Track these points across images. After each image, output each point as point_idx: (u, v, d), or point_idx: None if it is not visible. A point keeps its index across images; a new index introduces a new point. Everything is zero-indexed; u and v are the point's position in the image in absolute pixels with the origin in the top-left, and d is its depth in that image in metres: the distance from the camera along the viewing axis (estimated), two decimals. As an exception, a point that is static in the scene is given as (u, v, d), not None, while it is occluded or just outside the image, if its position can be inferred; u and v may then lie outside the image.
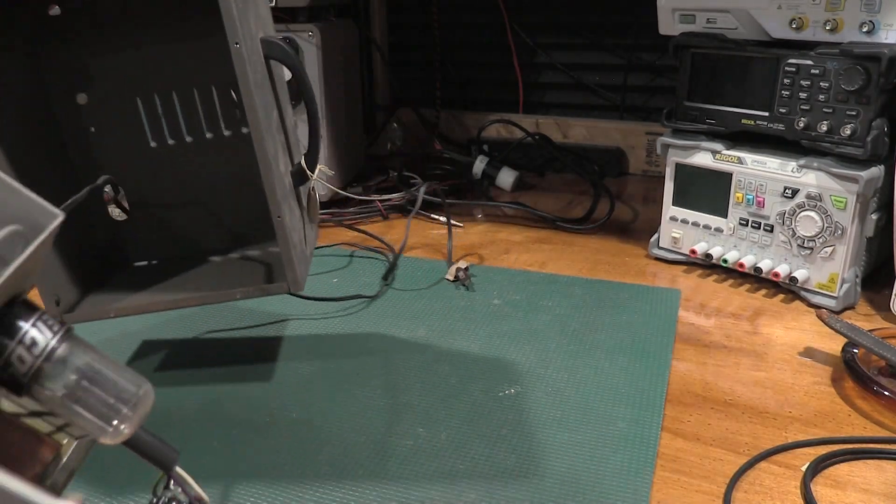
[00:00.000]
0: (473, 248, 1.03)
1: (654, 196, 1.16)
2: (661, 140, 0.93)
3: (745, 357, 0.73)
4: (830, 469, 0.56)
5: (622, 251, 1.01)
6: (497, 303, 0.85)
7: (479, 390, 0.67)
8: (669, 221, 0.96)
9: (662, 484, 0.55)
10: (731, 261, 0.88)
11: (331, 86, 1.14)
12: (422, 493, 0.53)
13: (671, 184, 0.95)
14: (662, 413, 0.63)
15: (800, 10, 0.79)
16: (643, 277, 0.93)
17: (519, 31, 1.43)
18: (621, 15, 1.34)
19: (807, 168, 0.81)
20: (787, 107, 0.82)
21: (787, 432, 0.61)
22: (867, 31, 0.75)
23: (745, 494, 0.53)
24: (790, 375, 0.69)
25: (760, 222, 0.86)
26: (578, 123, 1.42)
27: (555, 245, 1.04)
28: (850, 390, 0.66)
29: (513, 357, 0.72)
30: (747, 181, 0.86)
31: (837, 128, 0.78)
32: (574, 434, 0.60)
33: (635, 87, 1.38)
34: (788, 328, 0.79)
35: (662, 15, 0.91)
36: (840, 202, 0.79)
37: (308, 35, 1.09)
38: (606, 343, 0.75)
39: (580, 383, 0.68)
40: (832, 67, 0.77)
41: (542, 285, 0.90)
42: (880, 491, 0.53)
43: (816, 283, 0.83)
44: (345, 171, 1.23)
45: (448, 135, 1.51)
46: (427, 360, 0.72)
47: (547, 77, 1.46)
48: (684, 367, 0.71)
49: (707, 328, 0.79)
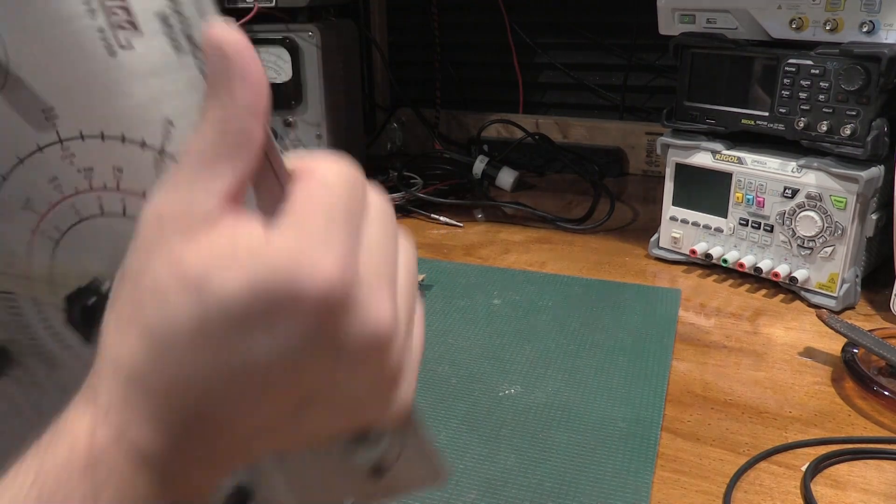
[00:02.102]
0: (473, 248, 1.03)
1: (654, 196, 1.16)
2: (661, 140, 0.93)
3: (745, 357, 0.73)
4: (830, 469, 0.56)
5: (622, 251, 1.01)
6: (497, 303, 0.85)
7: (479, 390, 0.67)
8: (669, 221, 0.96)
9: (662, 484, 0.55)
10: (731, 261, 0.88)
11: (331, 86, 1.14)
12: (422, 492, 0.53)
13: (671, 184, 0.95)
14: (662, 413, 0.63)
15: (800, 10, 0.79)
16: (643, 277, 0.93)
17: (519, 31, 1.42)
18: (621, 15, 1.34)
19: (807, 168, 0.81)
20: (787, 107, 0.82)
21: (787, 432, 0.61)
22: (867, 31, 0.75)
23: (745, 494, 0.53)
24: (790, 375, 0.69)
25: (760, 222, 0.86)
26: (578, 123, 1.42)
27: (555, 245, 1.04)
28: (850, 390, 0.66)
29: (513, 357, 0.72)
30: (747, 181, 0.86)
31: (837, 128, 0.78)
32: (574, 434, 0.60)
33: (635, 87, 1.38)
34: (788, 328, 0.79)
35: (662, 15, 0.91)
36: (840, 202, 0.79)
37: (308, 35, 1.09)
38: (606, 343, 0.75)
39: (580, 383, 0.68)
40: (832, 67, 0.77)
41: (542, 285, 0.90)
42: (880, 491, 0.53)
43: (816, 283, 0.83)
44: (345, 171, 1.23)
45: (448, 135, 1.51)
46: (427, 360, 0.72)
47: (547, 77, 1.46)
48: (684, 367, 0.71)
49: (707, 328, 0.79)
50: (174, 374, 0.22)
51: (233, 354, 0.21)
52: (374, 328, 0.23)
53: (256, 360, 0.21)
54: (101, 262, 0.28)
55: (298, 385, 0.23)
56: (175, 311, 0.21)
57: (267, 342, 0.21)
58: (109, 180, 0.27)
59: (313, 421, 0.24)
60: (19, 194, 0.28)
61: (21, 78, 0.26)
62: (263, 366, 0.21)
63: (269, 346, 0.21)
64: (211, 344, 0.21)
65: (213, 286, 0.21)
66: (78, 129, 0.26)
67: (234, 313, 0.21)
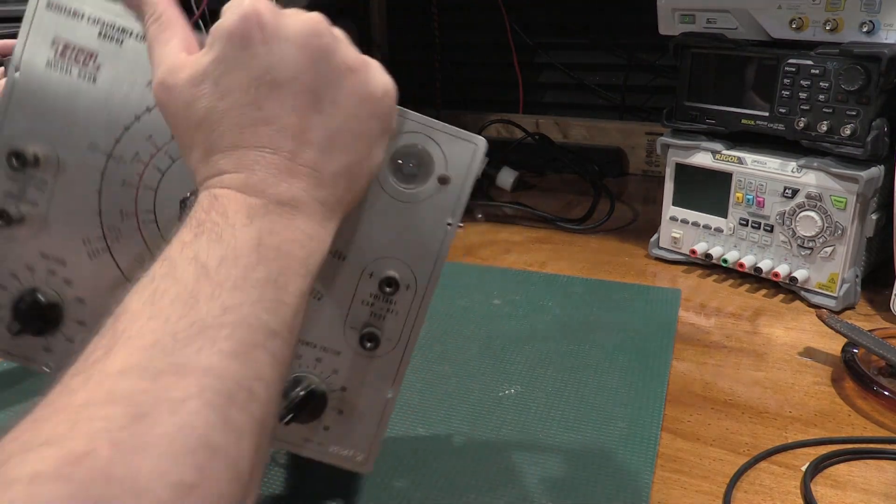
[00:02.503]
0: (473, 248, 1.03)
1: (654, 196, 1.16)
2: (661, 140, 0.93)
3: (745, 357, 0.73)
4: (830, 469, 0.56)
5: (622, 251, 1.01)
6: (497, 303, 0.85)
7: (479, 390, 0.67)
8: (669, 221, 0.96)
9: (662, 484, 0.55)
10: (731, 261, 0.88)
11: (331, 86, 1.14)
12: (422, 493, 0.53)
13: (671, 184, 0.95)
14: (662, 413, 0.63)
15: (800, 10, 0.79)
16: (643, 277, 0.93)
17: (519, 31, 1.42)
18: (621, 15, 1.34)
19: (807, 168, 0.81)
20: (787, 107, 0.82)
21: (787, 432, 0.61)
22: (867, 31, 0.75)
23: (745, 494, 0.53)
24: (790, 375, 0.69)
25: (760, 222, 0.86)
26: (578, 123, 1.42)
27: (555, 245, 1.04)
28: (850, 390, 0.66)
29: (513, 357, 0.72)
30: (747, 181, 0.86)
31: (837, 128, 0.78)
32: (574, 434, 0.60)
33: (635, 87, 1.38)
34: (788, 328, 0.79)
35: (662, 15, 0.91)
36: (840, 202, 0.79)
37: (308, 35, 1.09)
38: (606, 343, 0.75)
39: (580, 383, 0.68)
40: (832, 67, 0.77)
41: (542, 285, 0.89)
42: (880, 491, 0.53)
43: (816, 283, 0.83)
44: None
45: (448, 135, 1.51)
46: (427, 360, 0.72)
47: (547, 77, 1.46)
48: (684, 367, 0.71)
49: (707, 328, 0.79)
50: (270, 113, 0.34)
51: (252, 68, 0.34)
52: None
53: (258, 64, 0.34)
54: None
55: (295, 79, 0.34)
56: (228, 72, 0.34)
57: (246, 52, 0.34)
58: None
59: (334, 117, 0.36)
60: (130, 149, 0.42)
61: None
62: (264, 67, 0.34)
63: (251, 53, 0.34)
64: (236, 71, 0.34)
65: (210, 62, 0.34)
66: (146, 105, 0.42)
67: (231, 46, 0.34)
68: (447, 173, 0.43)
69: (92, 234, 0.43)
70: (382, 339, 0.44)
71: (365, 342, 0.43)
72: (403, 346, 0.45)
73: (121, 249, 0.43)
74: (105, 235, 0.43)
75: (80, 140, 0.41)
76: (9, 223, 0.41)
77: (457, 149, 0.43)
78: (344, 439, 0.46)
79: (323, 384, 0.44)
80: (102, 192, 0.42)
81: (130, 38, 0.41)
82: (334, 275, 0.43)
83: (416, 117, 0.43)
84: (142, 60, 0.39)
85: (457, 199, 0.43)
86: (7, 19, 0.95)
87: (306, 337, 0.44)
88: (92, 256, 0.43)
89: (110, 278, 0.43)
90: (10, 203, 0.42)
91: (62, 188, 0.42)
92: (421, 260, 0.44)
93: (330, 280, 0.43)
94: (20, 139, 0.41)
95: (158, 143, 0.42)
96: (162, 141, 0.42)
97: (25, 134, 0.41)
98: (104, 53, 0.41)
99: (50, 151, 0.41)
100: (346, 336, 0.44)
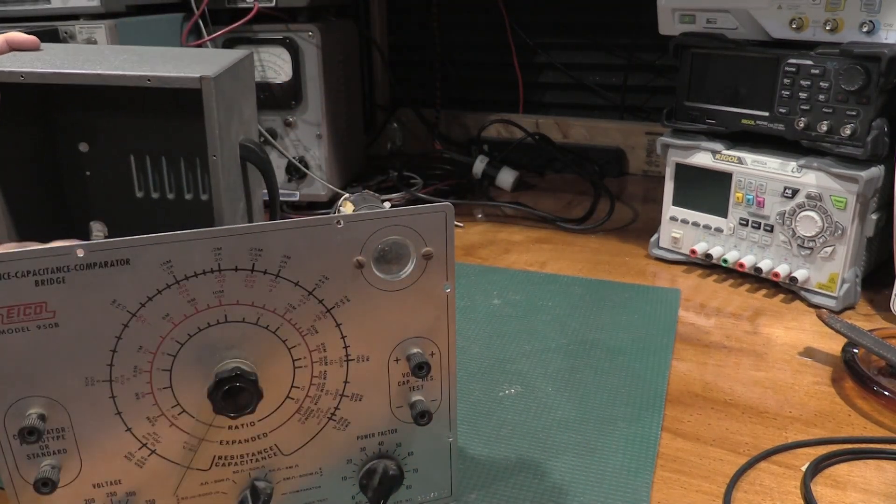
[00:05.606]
0: (473, 248, 1.03)
1: (654, 196, 1.16)
2: (661, 140, 0.93)
3: (745, 357, 0.73)
4: (830, 469, 0.56)
5: (622, 251, 1.01)
6: (497, 303, 0.85)
7: (479, 390, 0.67)
8: (669, 221, 0.96)
9: (662, 484, 0.55)
10: (731, 261, 0.88)
11: (331, 86, 1.14)
12: (422, 493, 0.53)
13: (671, 184, 0.95)
14: (662, 413, 0.63)
15: (800, 10, 0.79)
16: (643, 277, 0.93)
17: (519, 31, 1.43)
18: (621, 15, 1.34)
19: (807, 168, 0.81)
20: (787, 107, 0.82)
21: (787, 432, 0.61)
22: (867, 31, 0.75)
23: (745, 494, 0.53)
24: (790, 375, 0.69)
25: (760, 222, 0.86)
26: (578, 123, 1.42)
27: (555, 245, 1.04)
28: (850, 390, 0.66)
29: (513, 357, 0.72)
30: (747, 181, 0.86)
31: (837, 128, 0.78)
32: (574, 434, 0.60)
33: (635, 87, 1.38)
34: (788, 328, 0.79)
35: (662, 15, 0.91)
36: (840, 202, 0.79)
37: (308, 35, 1.09)
38: (606, 343, 0.75)
39: (580, 383, 0.68)
40: (832, 67, 0.77)
41: (542, 285, 0.90)
42: (880, 491, 0.53)
43: (816, 283, 0.83)
44: (344, 171, 1.23)
45: (448, 135, 1.51)
46: (427, 360, 0.72)
47: (547, 77, 1.46)
48: (684, 367, 0.71)
49: (707, 328, 0.79)
50: None
51: None
52: None
53: None
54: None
55: None
56: None
57: None
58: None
59: None
60: (128, 365, 0.42)
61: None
62: None
63: None
64: None
65: None
66: (120, 322, 0.42)
67: None
68: (428, 248, 0.44)
69: (133, 449, 0.43)
70: (430, 406, 0.48)
71: (419, 420, 0.47)
72: (447, 398, 0.49)
73: (165, 447, 0.44)
74: (145, 444, 0.43)
75: (72, 381, 0.41)
76: (53, 489, 0.41)
77: (427, 222, 0.44)
78: (427, 488, 0.51)
79: (393, 463, 0.48)
80: (123, 413, 0.42)
81: (70, 271, 0.39)
82: (366, 375, 0.46)
83: (375, 215, 0.43)
84: (95, 284, 0.39)
85: (445, 264, 0.45)
86: (7, 19, 0.95)
87: (361, 432, 0.47)
88: (141, 465, 0.44)
89: (167, 473, 0.44)
90: (47, 469, 0.42)
91: (79, 424, 0.42)
92: (435, 330, 0.47)
93: (364, 380, 0.46)
94: (19, 416, 0.40)
95: (151, 349, 0.41)
96: (153, 346, 0.41)
97: (22, 406, 0.40)
98: (52, 297, 0.39)
99: (49, 404, 0.41)
100: (396, 414, 0.48)
